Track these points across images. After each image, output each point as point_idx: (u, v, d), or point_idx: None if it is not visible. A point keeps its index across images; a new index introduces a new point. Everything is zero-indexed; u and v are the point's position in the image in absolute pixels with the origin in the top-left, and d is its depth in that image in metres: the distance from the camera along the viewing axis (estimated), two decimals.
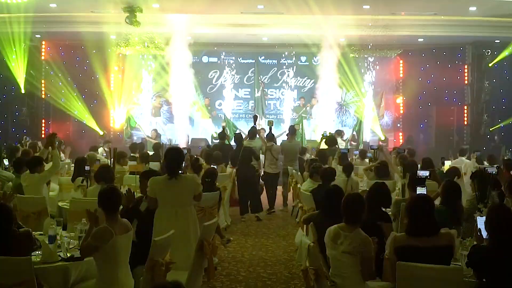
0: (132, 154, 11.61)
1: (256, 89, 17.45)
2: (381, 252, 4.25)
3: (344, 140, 14.77)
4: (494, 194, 5.77)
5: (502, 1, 11.10)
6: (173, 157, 5.54)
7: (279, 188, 11.45)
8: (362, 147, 14.37)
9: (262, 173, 11.08)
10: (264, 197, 11.09)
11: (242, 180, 10.18)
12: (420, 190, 5.78)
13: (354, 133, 16.33)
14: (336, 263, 4.15)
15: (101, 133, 16.97)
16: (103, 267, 4.17)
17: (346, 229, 4.15)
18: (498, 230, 3.77)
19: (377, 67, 17.84)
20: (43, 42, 16.73)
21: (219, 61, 18.03)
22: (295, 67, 17.86)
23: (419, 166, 8.16)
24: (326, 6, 11.87)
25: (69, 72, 16.74)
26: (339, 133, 14.89)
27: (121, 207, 4.64)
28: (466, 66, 17.15)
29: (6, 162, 9.29)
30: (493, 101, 16.66)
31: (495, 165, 8.31)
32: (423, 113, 17.75)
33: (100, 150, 13.48)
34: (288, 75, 17.91)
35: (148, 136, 15.65)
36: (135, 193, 5.78)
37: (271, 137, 11.40)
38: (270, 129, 11.69)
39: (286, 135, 12.03)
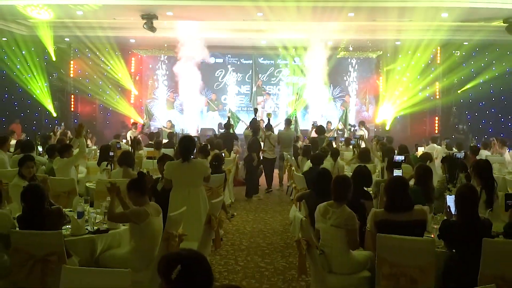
0: (150, 142, 11.60)
1: (253, 86, 17.55)
2: (364, 226, 4.25)
3: (367, 129, 14.71)
4: (462, 176, 5.78)
5: (470, 8, 11.00)
6: (186, 144, 5.55)
7: (276, 171, 11.46)
8: (347, 136, 14.33)
9: (261, 158, 11.06)
10: (262, 178, 11.10)
11: (247, 167, 10.22)
12: (397, 172, 5.78)
13: (341, 123, 16.30)
14: (325, 235, 4.15)
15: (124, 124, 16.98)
16: (139, 241, 4.15)
17: (334, 205, 4.13)
18: (465, 207, 3.76)
19: (360, 67, 17.82)
20: (71, 45, 16.65)
21: (224, 62, 18.01)
22: (289, 66, 17.81)
23: (396, 151, 8.15)
24: (317, 14, 11.80)
25: (95, 71, 16.69)
26: (363, 123, 14.90)
27: None
28: (437, 65, 17.03)
29: (40, 148, 9.29)
30: (461, 95, 16.60)
31: (463, 151, 8.30)
32: (400, 106, 17.70)
33: (129, 132, 13.51)
34: (284, 74, 17.90)
35: (163, 126, 15.65)
36: (152, 175, 5.79)
37: (269, 127, 11.36)
38: (269, 120, 11.64)
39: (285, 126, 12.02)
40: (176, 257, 2.06)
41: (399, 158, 6.74)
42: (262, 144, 11.10)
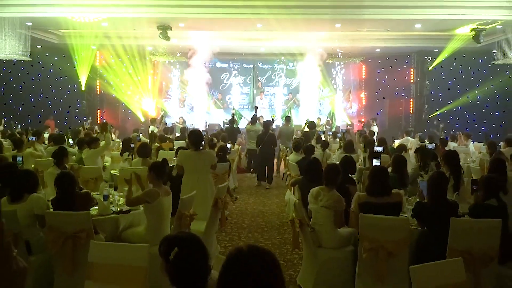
0: (165, 135, 11.55)
1: (253, 88, 17.50)
2: (348, 207, 4.25)
3: (376, 125, 14.64)
4: (432, 164, 5.78)
5: (440, 19, 10.93)
6: (195, 136, 5.54)
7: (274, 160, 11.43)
8: (334, 130, 14.32)
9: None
10: None
11: (264, 157, 9.92)
12: (376, 162, 5.78)
13: (329, 119, 16.28)
14: (316, 215, 4.15)
15: (143, 119, 16.95)
16: (152, 219, 4.15)
17: (325, 189, 4.13)
18: (435, 190, 3.76)
19: (345, 70, 17.77)
20: (97, 52, 16.58)
21: (228, 66, 17.94)
22: (285, 70, 17.75)
23: (376, 143, 8.13)
24: (308, 24, 11.75)
25: (117, 75, 16.64)
26: (374, 119, 14.86)
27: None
28: (412, 69, 16.95)
29: (70, 141, 9.29)
30: (432, 95, 16.55)
31: (434, 143, 8.30)
32: (379, 104, 17.67)
33: (151, 127, 13.50)
34: (280, 76, 17.84)
35: (176, 122, 15.61)
36: (169, 163, 5.79)
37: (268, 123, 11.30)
38: (273, 120, 11.56)
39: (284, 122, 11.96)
40: (174, 240, 2.02)
41: (379, 149, 6.75)
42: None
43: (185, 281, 1.93)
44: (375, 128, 13.99)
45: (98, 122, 15.97)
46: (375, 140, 9.20)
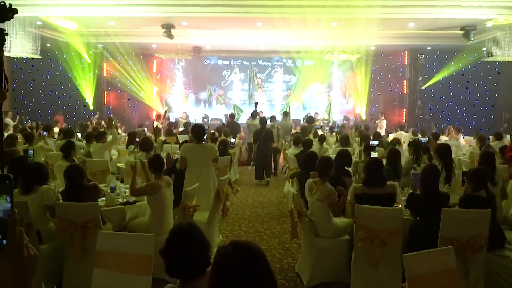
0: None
1: (252, 84, 17.47)
2: (345, 198, 4.24)
3: (385, 119, 14.57)
4: (425, 157, 5.77)
5: (433, 19, 10.88)
6: (198, 129, 5.53)
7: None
8: (331, 124, 14.30)
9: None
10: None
11: (261, 153, 9.45)
12: (372, 154, 5.77)
13: (325, 113, 16.26)
14: (312, 207, 4.15)
15: (148, 114, 16.92)
16: (155, 209, 4.16)
17: (318, 183, 4.12)
18: (428, 182, 3.75)
19: (342, 67, 17.70)
20: (104, 50, 16.51)
21: (229, 63, 17.88)
22: (283, 67, 17.69)
23: (371, 137, 8.12)
24: (306, 23, 11.69)
25: (124, 71, 16.58)
26: (383, 114, 14.82)
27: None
28: (405, 66, 16.92)
29: (79, 135, 9.28)
30: (424, 91, 16.52)
31: (426, 136, 8.28)
32: (374, 99, 17.62)
33: (155, 122, 13.49)
34: (279, 73, 17.78)
35: (180, 117, 15.60)
36: (173, 157, 5.78)
37: (270, 118, 11.28)
38: (273, 117, 11.48)
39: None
40: (173, 228, 2.08)
41: (374, 142, 6.74)
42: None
43: (174, 269, 1.94)
44: (384, 122, 14.04)
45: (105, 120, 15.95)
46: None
